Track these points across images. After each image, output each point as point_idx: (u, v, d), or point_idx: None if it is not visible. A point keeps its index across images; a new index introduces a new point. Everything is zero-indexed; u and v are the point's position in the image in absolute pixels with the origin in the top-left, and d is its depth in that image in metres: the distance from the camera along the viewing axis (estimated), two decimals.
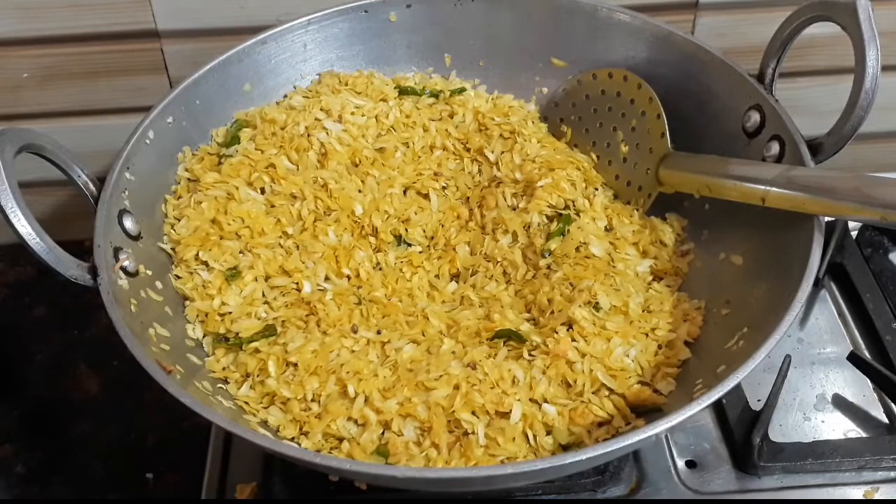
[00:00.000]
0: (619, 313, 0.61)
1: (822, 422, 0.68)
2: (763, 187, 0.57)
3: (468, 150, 0.72)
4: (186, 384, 0.55)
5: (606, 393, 0.57)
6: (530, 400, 0.55)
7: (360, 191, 0.67)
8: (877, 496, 0.63)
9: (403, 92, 0.75)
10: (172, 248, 0.64)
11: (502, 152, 0.71)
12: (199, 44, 0.76)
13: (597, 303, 0.61)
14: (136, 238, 0.61)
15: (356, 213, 0.66)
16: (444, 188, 0.70)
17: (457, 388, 0.55)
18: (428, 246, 0.67)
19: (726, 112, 0.67)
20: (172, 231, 0.64)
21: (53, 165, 0.58)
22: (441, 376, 0.56)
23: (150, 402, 0.70)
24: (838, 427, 0.67)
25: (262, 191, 0.67)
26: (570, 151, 0.73)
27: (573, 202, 0.68)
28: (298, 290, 0.63)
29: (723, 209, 0.64)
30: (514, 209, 0.68)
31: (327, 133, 0.69)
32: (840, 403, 0.69)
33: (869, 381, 0.69)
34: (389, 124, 0.72)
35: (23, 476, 0.68)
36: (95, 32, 0.76)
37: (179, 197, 0.67)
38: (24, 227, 0.52)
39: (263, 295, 0.62)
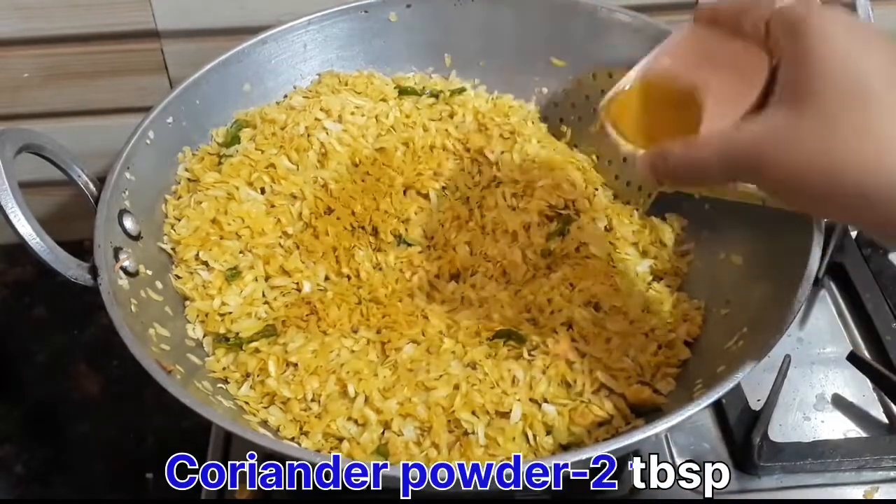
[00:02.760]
0: (619, 313, 0.61)
1: (822, 422, 0.68)
2: None
3: (468, 150, 0.72)
4: (186, 384, 0.55)
5: (606, 393, 0.56)
6: (530, 400, 0.55)
7: (360, 190, 0.67)
8: (877, 496, 0.63)
9: (403, 92, 0.75)
10: (172, 248, 0.64)
11: (502, 152, 0.71)
12: (199, 44, 0.76)
13: (597, 303, 0.61)
14: (136, 238, 0.61)
15: (356, 212, 0.66)
16: (444, 188, 0.69)
17: (457, 387, 0.55)
18: (428, 246, 0.67)
19: None
20: (172, 231, 0.64)
21: (53, 165, 0.58)
22: (441, 376, 0.56)
23: (150, 402, 0.70)
24: (838, 427, 0.67)
25: (262, 191, 0.67)
26: (570, 151, 0.73)
27: (573, 202, 0.68)
28: (298, 290, 0.63)
29: (723, 209, 0.64)
30: (514, 209, 0.68)
31: (327, 133, 0.69)
32: (840, 403, 0.69)
33: (869, 381, 0.69)
34: (389, 124, 0.72)
35: (23, 476, 0.68)
36: (96, 32, 0.76)
37: (179, 197, 0.67)
38: (24, 227, 0.52)
39: (263, 295, 0.62)
